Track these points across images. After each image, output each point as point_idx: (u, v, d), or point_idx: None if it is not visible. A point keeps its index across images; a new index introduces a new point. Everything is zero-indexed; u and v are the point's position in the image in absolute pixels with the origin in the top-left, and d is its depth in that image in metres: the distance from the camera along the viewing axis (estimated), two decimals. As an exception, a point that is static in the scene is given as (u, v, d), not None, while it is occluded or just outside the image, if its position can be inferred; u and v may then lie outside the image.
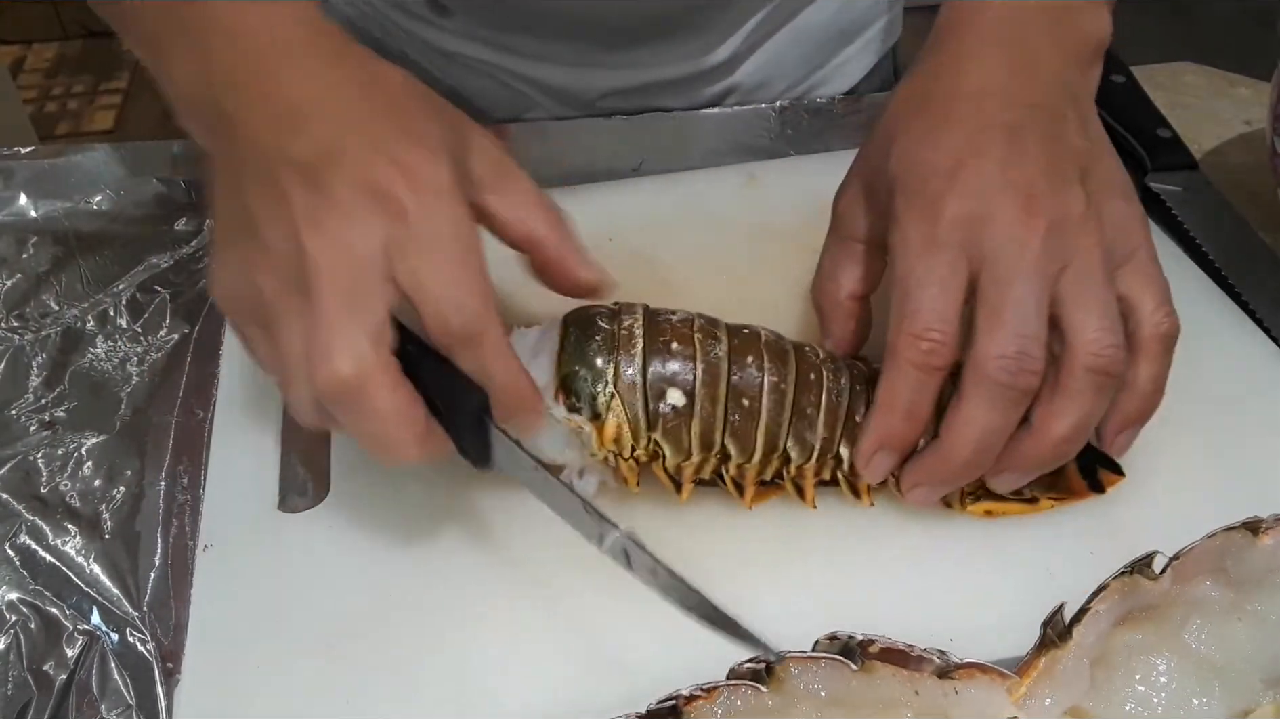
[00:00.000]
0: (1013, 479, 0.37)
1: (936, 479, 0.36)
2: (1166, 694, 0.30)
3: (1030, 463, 0.36)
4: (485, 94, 0.62)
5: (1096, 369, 0.34)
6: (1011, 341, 0.33)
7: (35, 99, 2.21)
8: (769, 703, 0.29)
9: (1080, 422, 0.35)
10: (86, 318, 0.49)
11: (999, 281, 0.34)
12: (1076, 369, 0.34)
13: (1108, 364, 0.34)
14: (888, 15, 0.67)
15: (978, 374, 0.34)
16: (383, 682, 0.35)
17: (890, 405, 0.35)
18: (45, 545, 0.40)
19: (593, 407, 0.37)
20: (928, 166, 0.36)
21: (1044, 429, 0.35)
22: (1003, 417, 0.34)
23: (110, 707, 0.35)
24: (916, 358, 0.34)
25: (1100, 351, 0.34)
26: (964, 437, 0.35)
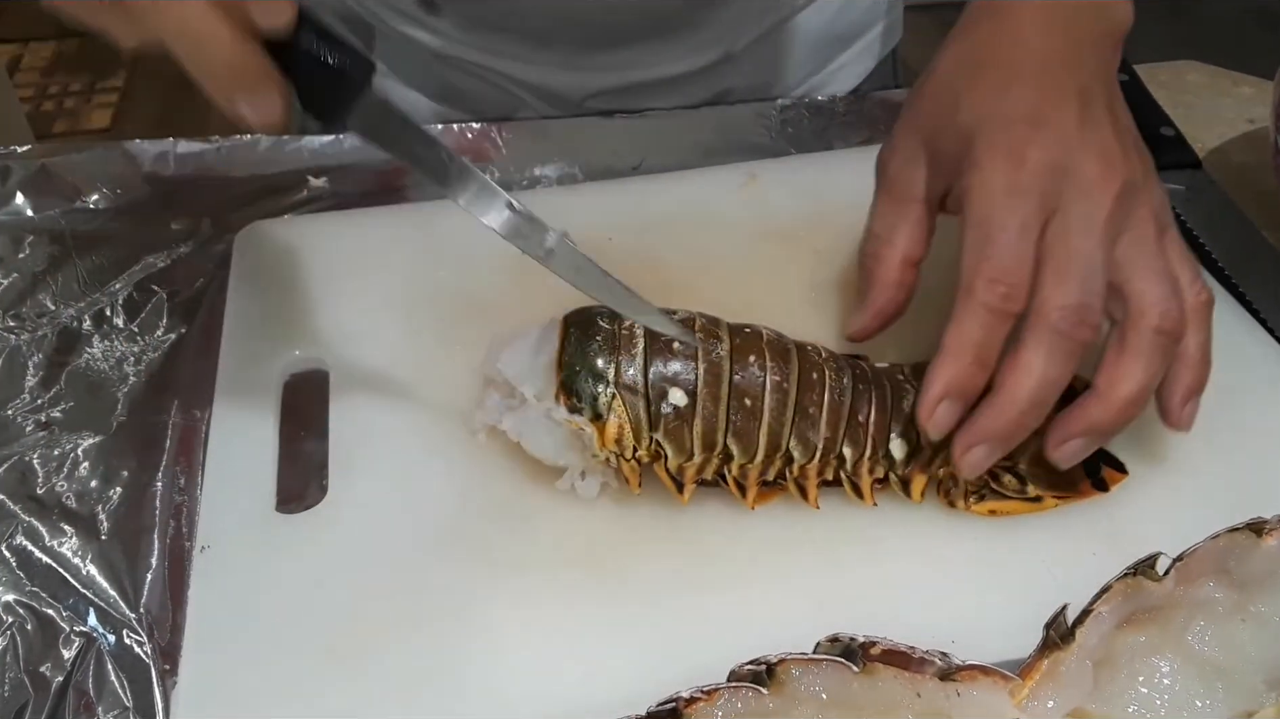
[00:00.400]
0: (1078, 448, 0.36)
1: (993, 434, 0.35)
2: (1170, 696, 0.30)
3: (1097, 427, 0.36)
4: (475, 94, 0.62)
5: (1163, 330, 0.35)
6: (1076, 293, 0.34)
7: (32, 97, 2.21)
8: (770, 705, 0.29)
9: (1146, 383, 0.35)
10: (83, 317, 0.49)
11: (1071, 234, 0.34)
12: (1144, 330, 0.35)
13: (1174, 326, 0.35)
14: (885, 20, 0.67)
15: (1040, 322, 0.34)
16: (381, 682, 0.34)
17: (960, 350, 0.35)
18: (42, 546, 0.40)
19: (594, 407, 0.37)
20: (1010, 115, 0.36)
21: (1111, 391, 0.35)
22: (1060, 368, 0.34)
23: (107, 708, 0.35)
24: (994, 301, 0.34)
25: (1167, 312, 0.35)
26: (1022, 385, 0.34)
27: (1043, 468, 0.39)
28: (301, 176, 0.56)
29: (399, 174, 0.57)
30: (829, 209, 0.51)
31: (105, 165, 0.56)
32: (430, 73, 0.62)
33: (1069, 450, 0.36)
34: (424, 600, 0.36)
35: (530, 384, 0.38)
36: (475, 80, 0.62)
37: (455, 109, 0.64)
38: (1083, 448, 0.36)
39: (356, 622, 0.36)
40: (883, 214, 0.40)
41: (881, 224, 0.40)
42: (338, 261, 0.49)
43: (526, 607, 0.36)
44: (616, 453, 0.37)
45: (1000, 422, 0.35)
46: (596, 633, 0.36)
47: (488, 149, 0.58)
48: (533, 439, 0.39)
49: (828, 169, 0.54)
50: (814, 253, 0.49)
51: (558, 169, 0.57)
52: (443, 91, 0.63)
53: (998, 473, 0.39)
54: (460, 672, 0.35)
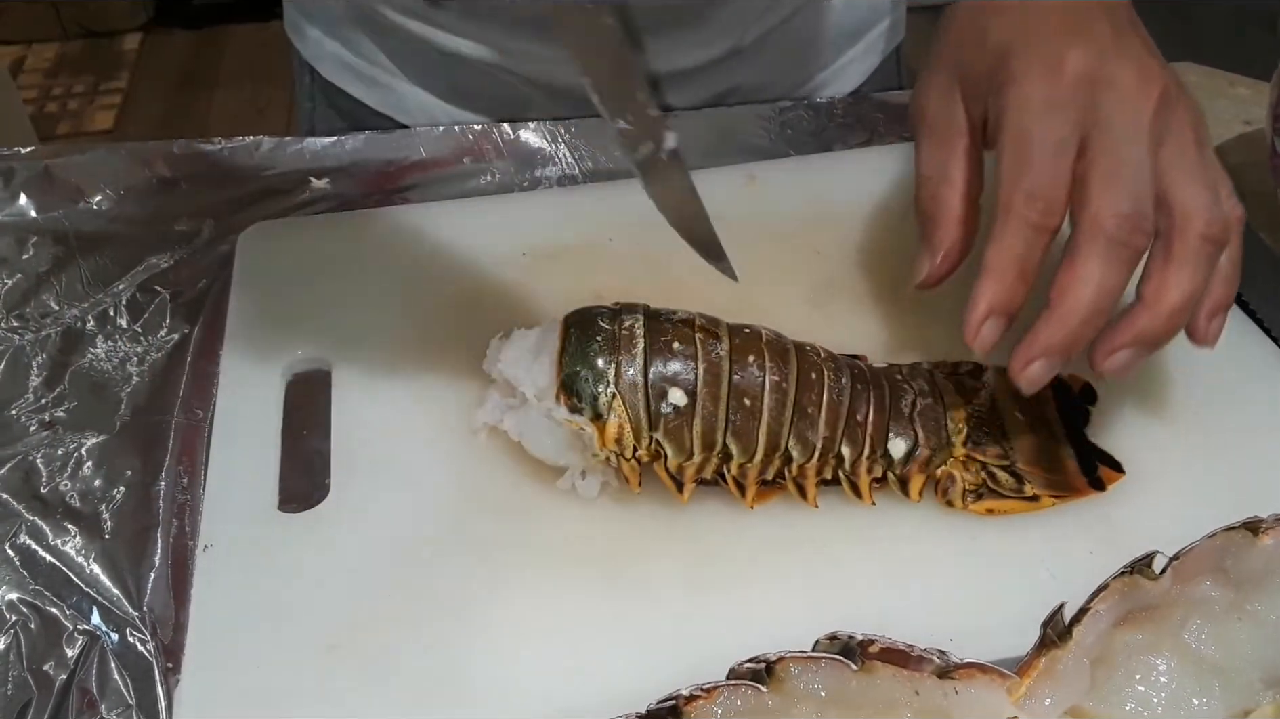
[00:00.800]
0: (1127, 359, 0.35)
1: (1053, 347, 0.35)
2: (1166, 694, 0.30)
3: (1145, 336, 0.35)
4: (483, 93, 0.62)
5: (1210, 238, 0.34)
6: (1129, 200, 0.34)
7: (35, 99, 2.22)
8: (769, 703, 0.29)
9: (1193, 292, 0.35)
10: (86, 318, 0.49)
11: (1116, 143, 0.34)
12: (1191, 238, 0.34)
13: (1219, 233, 0.35)
14: (891, 17, 0.67)
15: (1094, 231, 0.34)
16: (383, 682, 0.35)
17: (1003, 267, 0.35)
18: (45, 545, 0.40)
19: (594, 407, 0.37)
20: (1044, 30, 0.36)
21: (1158, 299, 0.35)
22: (1117, 275, 0.34)
23: (110, 707, 0.35)
24: (1033, 216, 0.34)
25: (1213, 219, 0.34)
26: (1080, 295, 0.34)
27: (1040, 467, 0.39)
28: (303, 178, 0.56)
29: (399, 174, 0.57)
30: (829, 209, 0.52)
31: (108, 166, 0.56)
32: (439, 72, 0.62)
33: (1118, 361, 0.35)
34: (425, 599, 0.37)
35: (530, 384, 0.38)
36: (484, 78, 0.62)
37: (465, 108, 0.64)
38: (1132, 359, 0.35)
39: (359, 620, 0.36)
40: (930, 156, 0.39)
41: (931, 166, 0.39)
42: (340, 262, 0.49)
43: (527, 605, 0.36)
44: (616, 452, 0.37)
45: (1061, 334, 0.34)
46: (596, 631, 0.36)
47: (488, 150, 0.59)
48: (533, 439, 0.39)
49: (828, 170, 0.54)
50: (814, 253, 0.50)
51: (558, 170, 0.58)
52: (452, 90, 0.63)
53: (995, 472, 0.39)
54: (461, 670, 0.35)
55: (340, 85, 0.65)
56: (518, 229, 0.50)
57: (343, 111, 0.66)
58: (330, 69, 0.65)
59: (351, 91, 0.65)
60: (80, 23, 2.42)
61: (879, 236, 0.51)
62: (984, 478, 0.39)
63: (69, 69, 2.34)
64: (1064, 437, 0.41)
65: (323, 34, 0.64)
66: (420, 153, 0.58)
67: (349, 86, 0.65)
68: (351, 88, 0.65)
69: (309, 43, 0.66)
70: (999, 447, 0.40)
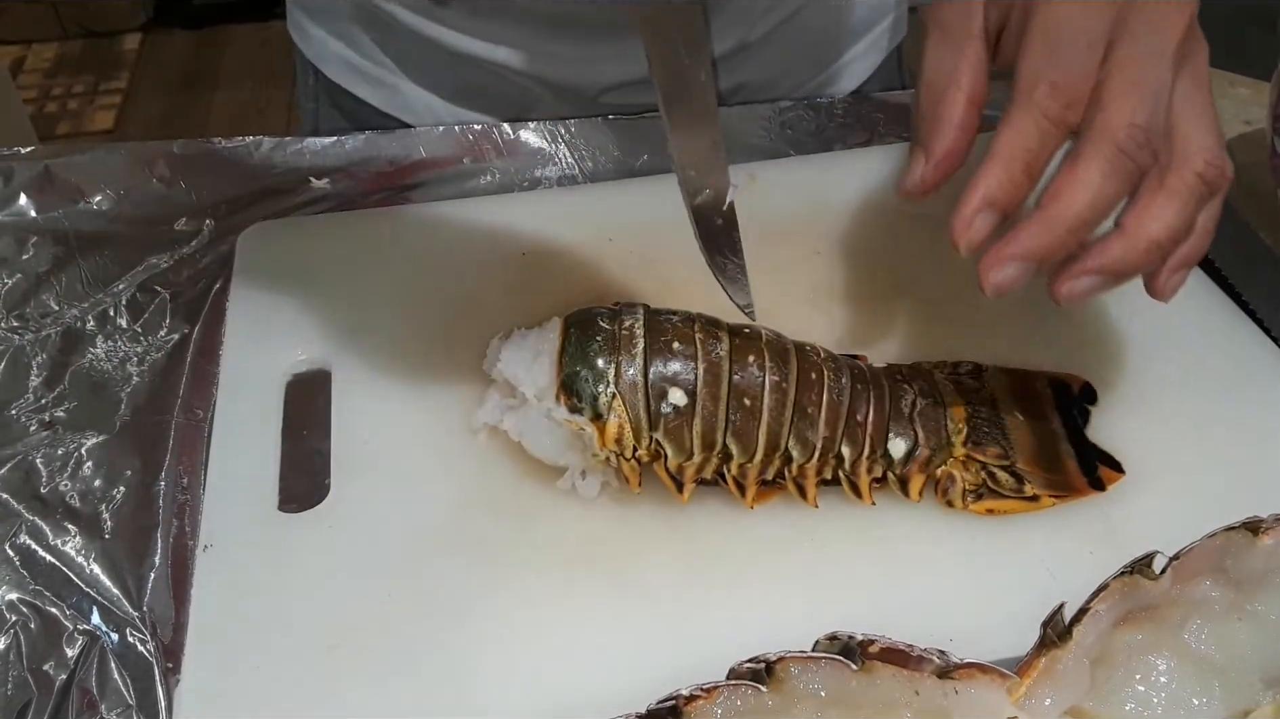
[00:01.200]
0: (1090, 286, 0.34)
1: (1034, 250, 0.33)
2: (1166, 694, 0.30)
3: (1114, 265, 0.33)
4: (490, 92, 0.62)
5: (1207, 178, 0.33)
6: (1144, 112, 0.32)
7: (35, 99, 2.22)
8: (769, 703, 0.29)
9: (1175, 229, 0.33)
10: (86, 318, 0.49)
11: (1143, 55, 0.33)
12: (1188, 173, 0.33)
13: (1216, 177, 0.33)
14: (894, 13, 0.67)
15: (1104, 136, 0.32)
16: (383, 682, 0.35)
17: (1011, 155, 0.33)
18: (45, 545, 0.40)
19: (594, 407, 0.37)
20: None
21: (1139, 228, 0.33)
22: (1115, 186, 0.32)
23: (110, 707, 0.35)
24: (1054, 109, 0.33)
25: (1213, 161, 0.33)
26: (1075, 199, 0.32)
27: (1040, 467, 0.39)
28: (304, 178, 0.56)
29: (399, 174, 0.57)
30: (829, 209, 0.52)
31: (108, 166, 0.56)
32: (444, 72, 0.62)
33: (1080, 287, 0.34)
34: (425, 599, 0.37)
35: (530, 384, 0.38)
36: (489, 77, 0.62)
37: (471, 108, 0.64)
38: (1093, 287, 0.34)
39: (358, 620, 0.36)
40: (938, 56, 0.37)
41: (938, 66, 0.37)
42: (340, 262, 0.49)
43: (527, 605, 0.36)
44: (616, 452, 0.37)
45: (1046, 238, 0.32)
46: (596, 631, 0.36)
47: (488, 150, 0.59)
48: (533, 439, 0.39)
49: (828, 170, 0.54)
50: (814, 253, 0.50)
51: (558, 170, 0.58)
52: (457, 90, 0.63)
53: (995, 472, 0.39)
54: (462, 669, 0.35)
55: (345, 86, 0.65)
56: (518, 229, 0.50)
57: (347, 112, 0.66)
58: (335, 69, 0.65)
59: (356, 92, 0.65)
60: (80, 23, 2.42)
61: (879, 236, 0.51)
62: (984, 478, 0.39)
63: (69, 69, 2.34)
64: (1064, 436, 0.41)
65: (327, 34, 0.64)
66: (420, 153, 0.58)
67: (354, 87, 0.65)
68: (356, 88, 0.65)
69: (313, 43, 0.66)
70: (999, 446, 0.40)
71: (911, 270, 0.49)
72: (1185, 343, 0.45)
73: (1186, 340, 0.46)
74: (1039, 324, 0.46)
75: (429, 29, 0.60)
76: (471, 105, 0.64)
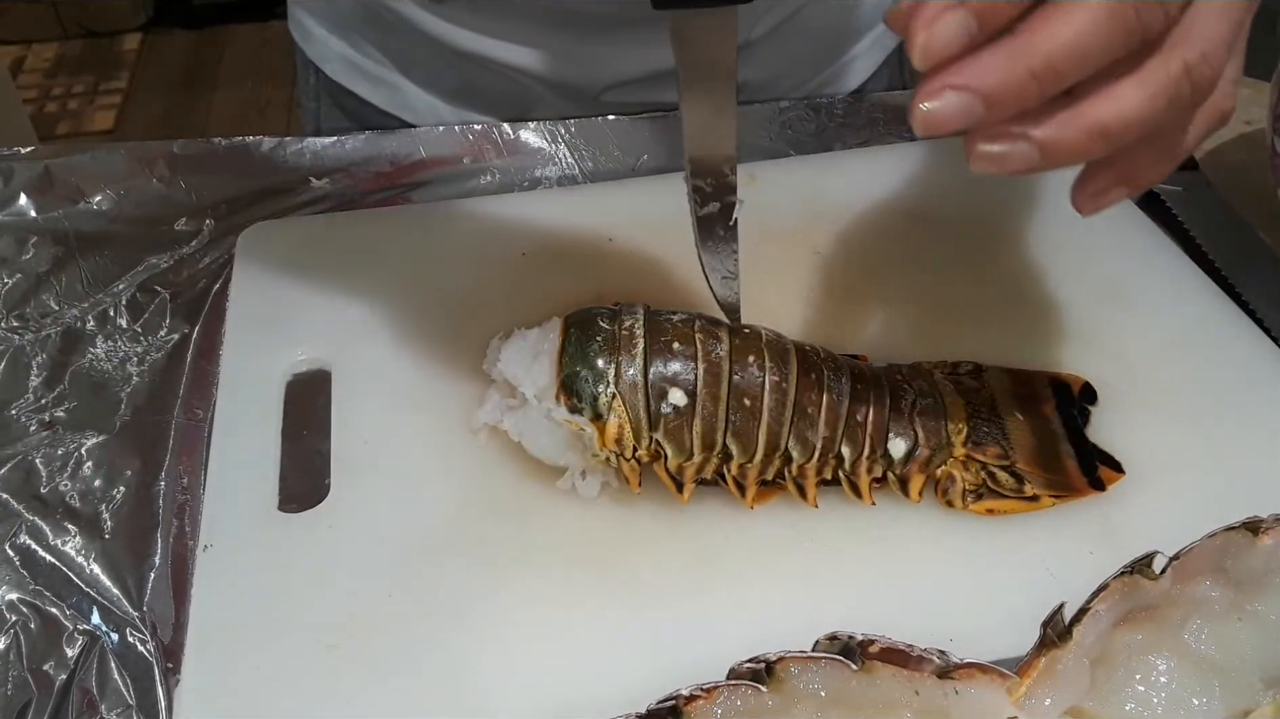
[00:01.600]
0: (1006, 152, 0.28)
1: (987, 82, 0.26)
2: (1166, 694, 0.30)
3: (1045, 140, 0.28)
4: (491, 92, 0.62)
5: (1194, 75, 0.28)
6: None
7: (35, 99, 2.22)
8: (769, 703, 0.29)
9: (1132, 121, 0.28)
10: (86, 318, 0.49)
11: None
12: (1175, 61, 0.28)
13: (1205, 77, 0.28)
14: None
15: None
16: (383, 682, 0.35)
17: None
18: (45, 545, 0.40)
19: (594, 407, 0.37)
20: None
21: (1091, 106, 0.28)
22: (1105, 38, 0.26)
23: (110, 707, 0.35)
24: None
25: (1211, 55, 0.28)
26: (1053, 32, 0.26)
27: (1040, 467, 0.39)
28: (304, 178, 0.56)
29: (399, 174, 0.57)
30: (829, 209, 0.52)
31: (108, 166, 0.56)
32: (446, 70, 0.62)
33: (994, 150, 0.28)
34: (425, 599, 0.37)
35: (530, 384, 0.38)
36: (491, 76, 0.62)
37: (472, 108, 0.64)
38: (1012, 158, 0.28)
39: (358, 620, 0.36)
40: None
41: None
42: (340, 262, 0.49)
43: (527, 606, 0.36)
44: (616, 452, 0.37)
45: (1000, 72, 0.26)
46: (596, 631, 0.36)
47: (488, 150, 0.59)
48: (533, 439, 0.39)
49: (828, 170, 0.54)
50: (814, 253, 0.50)
51: (558, 170, 0.58)
52: (459, 90, 0.63)
53: (995, 472, 0.39)
54: (461, 669, 0.35)
55: (346, 85, 0.65)
56: (518, 229, 0.50)
57: (348, 111, 0.66)
58: (336, 69, 0.65)
59: (358, 91, 0.65)
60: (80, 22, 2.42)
61: (879, 236, 0.51)
62: (984, 478, 0.39)
63: (69, 69, 2.34)
64: (1064, 436, 0.41)
65: (329, 33, 0.65)
66: (420, 153, 0.58)
67: (355, 86, 0.65)
68: (358, 87, 0.65)
69: (314, 42, 0.66)
70: (999, 446, 0.40)
71: (911, 270, 0.49)
72: (1186, 343, 0.45)
73: (1187, 340, 0.46)
74: (1039, 324, 0.46)
75: (431, 26, 0.60)
76: (473, 104, 0.64)
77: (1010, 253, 0.50)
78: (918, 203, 0.53)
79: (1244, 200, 0.55)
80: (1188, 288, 0.48)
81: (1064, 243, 0.50)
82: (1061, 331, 0.46)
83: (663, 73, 0.60)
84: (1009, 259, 0.50)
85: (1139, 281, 0.48)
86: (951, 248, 0.50)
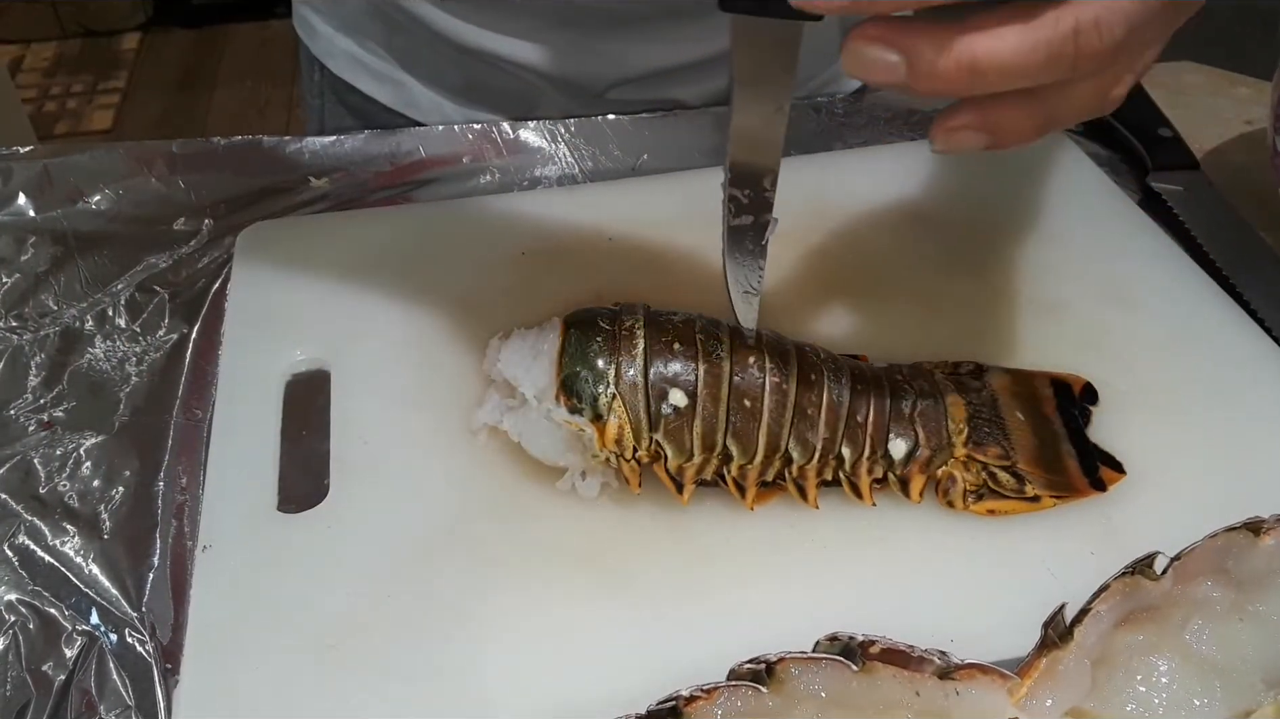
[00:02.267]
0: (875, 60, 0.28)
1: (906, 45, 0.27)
2: (1168, 695, 0.30)
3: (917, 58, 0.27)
4: (495, 89, 0.62)
5: (1082, 39, 0.27)
6: None
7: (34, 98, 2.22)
8: (769, 704, 0.29)
9: (1007, 62, 0.27)
10: (85, 318, 0.49)
11: None
12: (1066, 18, 0.27)
13: (1093, 45, 0.27)
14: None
15: None
16: (382, 682, 0.34)
17: None
18: (44, 546, 0.40)
19: (594, 408, 0.37)
20: None
21: (969, 37, 0.27)
22: None
23: (109, 707, 0.35)
24: None
25: (1099, 28, 0.27)
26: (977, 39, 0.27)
27: (1041, 468, 0.39)
28: (303, 177, 0.56)
29: (399, 174, 0.57)
30: (829, 209, 0.52)
31: (107, 166, 0.56)
32: (451, 68, 0.62)
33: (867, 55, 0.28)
34: (425, 600, 0.37)
35: (530, 384, 0.38)
36: (496, 73, 0.62)
37: (477, 105, 0.64)
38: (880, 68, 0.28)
39: (358, 620, 0.36)
40: None
41: None
42: (339, 262, 0.49)
43: (527, 606, 0.36)
44: (616, 453, 0.37)
45: None
46: (597, 632, 0.36)
47: (488, 150, 0.59)
48: (533, 439, 0.39)
49: (828, 169, 0.54)
50: (814, 253, 0.50)
51: (558, 169, 0.58)
52: (463, 88, 0.63)
53: (996, 472, 0.39)
54: (461, 670, 0.35)
55: (351, 82, 0.65)
56: (518, 229, 0.50)
57: (352, 108, 0.66)
58: (341, 65, 0.65)
59: (362, 88, 0.65)
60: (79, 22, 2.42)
61: (879, 236, 0.51)
62: (985, 478, 0.39)
63: (68, 68, 2.34)
64: (1065, 437, 0.41)
65: (333, 30, 0.64)
66: (420, 152, 0.58)
67: (360, 83, 0.65)
68: (362, 84, 0.65)
69: (319, 39, 0.66)
70: (999, 447, 0.40)
71: (911, 270, 0.49)
72: (1187, 343, 0.45)
73: (1188, 340, 0.46)
74: (1039, 324, 0.46)
75: (437, 21, 0.59)
76: (478, 101, 0.64)
77: (1011, 253, 0.50)
78: (918, 203, 0.53)
79: (1245, 200, 0.55)
80: (1189, 288, 0.48)
81: (1065, 243, 0.50)
82: (1062, 331, 0.46)
83: (670, 69, 0.60)
84: (1010, 259, 0.50)
85: (1140, 281, 0.48)
86: (952, 248, 0.50)
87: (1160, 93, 0.60)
